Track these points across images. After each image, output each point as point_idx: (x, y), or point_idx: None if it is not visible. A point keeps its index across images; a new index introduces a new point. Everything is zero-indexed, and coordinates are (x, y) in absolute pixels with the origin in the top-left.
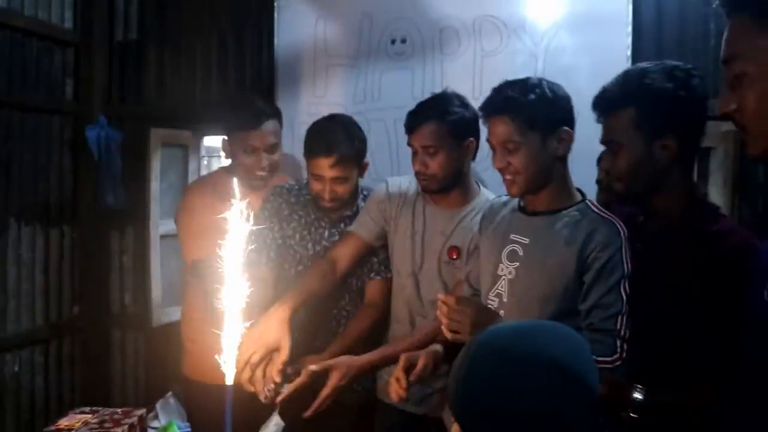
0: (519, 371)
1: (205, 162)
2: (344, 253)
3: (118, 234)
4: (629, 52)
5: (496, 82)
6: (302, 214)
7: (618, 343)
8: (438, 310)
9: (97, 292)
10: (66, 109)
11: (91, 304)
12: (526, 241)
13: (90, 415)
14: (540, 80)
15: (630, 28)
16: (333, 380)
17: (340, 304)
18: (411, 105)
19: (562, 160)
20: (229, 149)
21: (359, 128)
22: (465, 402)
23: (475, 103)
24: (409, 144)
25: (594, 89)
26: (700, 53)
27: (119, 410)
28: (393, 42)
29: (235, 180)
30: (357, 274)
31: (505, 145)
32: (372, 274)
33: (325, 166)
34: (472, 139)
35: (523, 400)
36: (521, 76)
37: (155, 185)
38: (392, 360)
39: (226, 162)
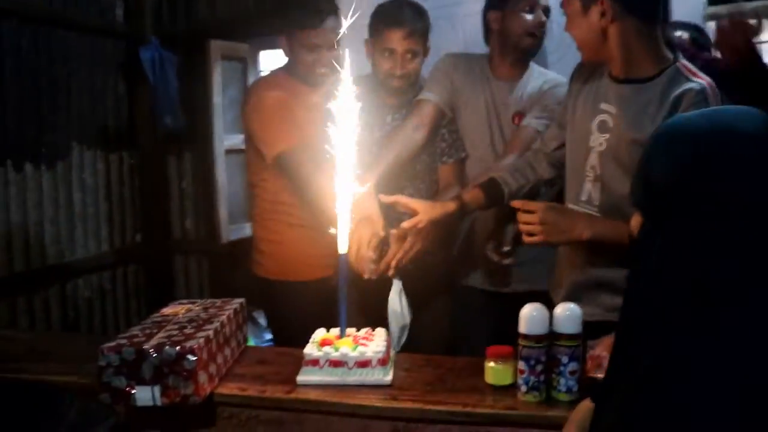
0: (700, 144)
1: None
2: (420, 121)
3: (176, 159)
4: None
5: None
6: (365, 100)
7: None
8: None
9: (158, 219)
10: (117, 32)
11: (153, 231)
12: (614, 111)
13: (191, 305)
14: None
15: None
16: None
17: (406, 191)
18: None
19: (612, 32)
20: (289, 48)
21: (423, 7)
22: (644, 186)
23: None
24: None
25: None
26: None
27: (218, 300)
28: None
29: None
30: (422, 159)
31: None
32: (444, 158)
33: (398, 38)
34: None
35: (705, 175)
36: None
37: (218, 99)
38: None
39: None
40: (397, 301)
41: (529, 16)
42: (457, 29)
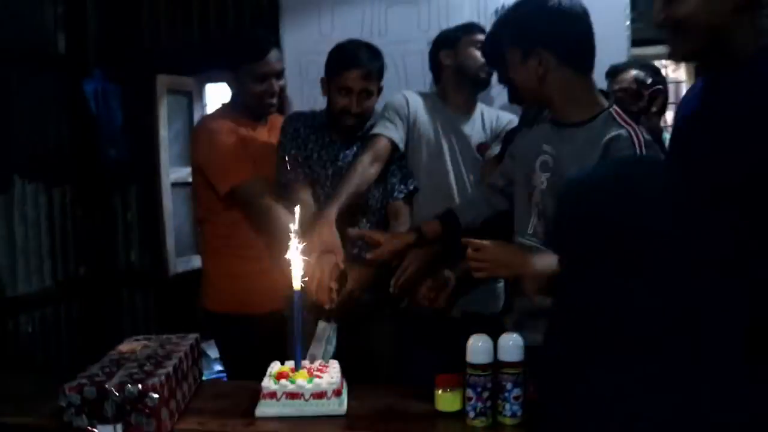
0: (605, 194)
1: (209, 110)
2: (375, 156)
3: (120, 192)
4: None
5: None
6: (319, 135)
7: None
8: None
9: (103, 252)
10: (60, 64)
11: (97, 264)
12: (553, 151)
13: (146, 342)
14: None
15: None
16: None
17: (361, 225)
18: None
19: (548, 80)
20: (236, 81)
21: (378, 48)
22: (558, 230)
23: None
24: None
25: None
26: None
27: (173, 336)
28: None
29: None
30: (373, 194)
31: None
32: (395, 194)
33: (355, 78)
34: None
35: (608, 222)
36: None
37: (164, 133)
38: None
39: None
40: (325, 340)
41: (479, 53)
42: (398, 66)
